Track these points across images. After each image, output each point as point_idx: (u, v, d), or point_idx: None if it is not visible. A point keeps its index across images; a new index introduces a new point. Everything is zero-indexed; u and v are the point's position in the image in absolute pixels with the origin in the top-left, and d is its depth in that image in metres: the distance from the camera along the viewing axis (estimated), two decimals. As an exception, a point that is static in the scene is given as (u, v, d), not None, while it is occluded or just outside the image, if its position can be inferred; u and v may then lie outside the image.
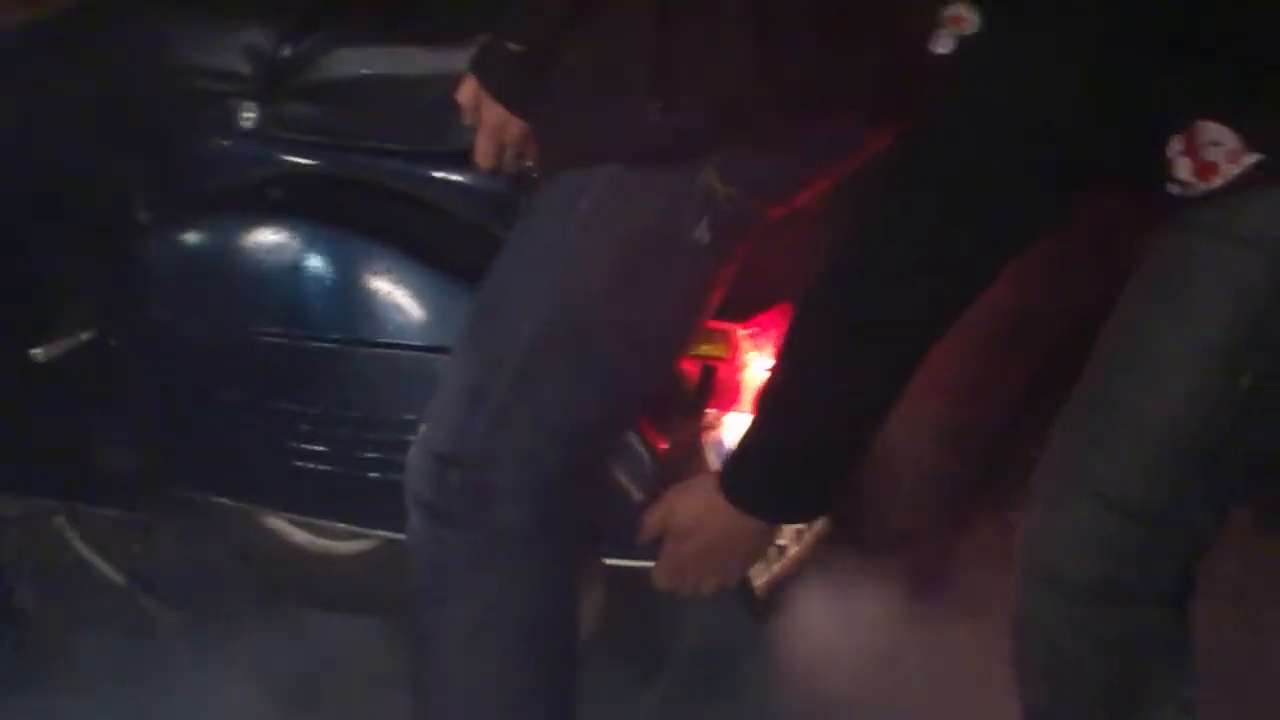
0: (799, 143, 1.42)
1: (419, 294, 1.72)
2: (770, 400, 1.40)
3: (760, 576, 1.70)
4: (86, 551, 2.21)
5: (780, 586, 1.74)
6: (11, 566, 2.14)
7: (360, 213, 1.77)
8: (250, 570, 2.14)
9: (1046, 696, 1.33)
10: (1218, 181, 1.18)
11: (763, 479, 1.41)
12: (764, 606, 1.72)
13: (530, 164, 1.55)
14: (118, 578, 2.20)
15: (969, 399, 1.82)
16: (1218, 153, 1.18)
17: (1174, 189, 1.21)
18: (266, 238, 1.78)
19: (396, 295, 1.72)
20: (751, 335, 1.64)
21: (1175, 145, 1.19)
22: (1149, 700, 1.31)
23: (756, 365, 1.64)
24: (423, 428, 1.49)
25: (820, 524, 1.75)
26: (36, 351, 1.95)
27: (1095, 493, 1.25)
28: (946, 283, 1.27)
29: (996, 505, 1.75)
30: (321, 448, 1.83)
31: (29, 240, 2.00)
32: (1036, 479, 1.32)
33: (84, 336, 1.96)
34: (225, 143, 1.85)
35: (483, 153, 1.54)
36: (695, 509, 1.45)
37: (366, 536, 1.99)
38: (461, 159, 1.64)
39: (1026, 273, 1.55)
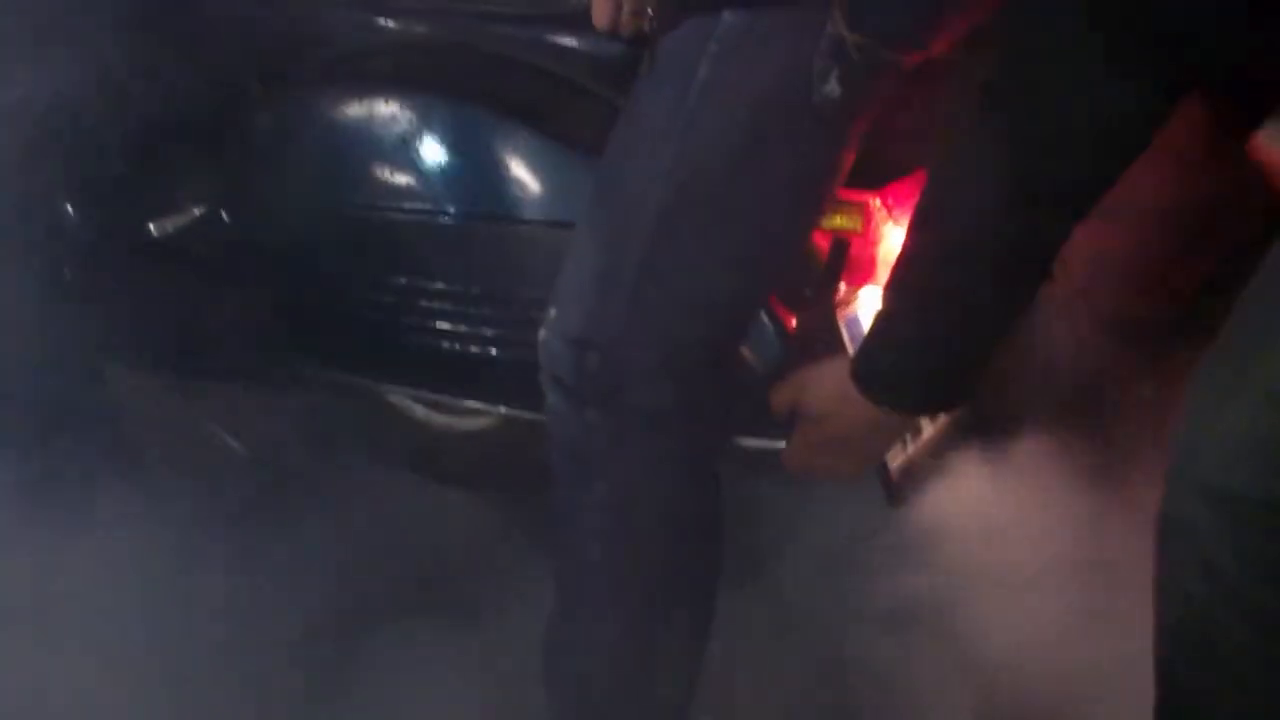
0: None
1: (536, 166, 1.68)
2: (902, 282, 1.30)
3: (896, 459, 1.64)
4: (212, 425, 2.24)
5: (917, 470, 1.67)
6: (141, 438, 2.15)
7: (472, 81, 1.73)
8: (371, 444, 2.15)
9: (1195, 620, 1.18)
10: None
11: (896, 369, 1.32)
12: (900, 489, 1.65)
13: (649, 21, 1.47)
14: (242, 450, 2.23)
15: (1136, 290, 1.71)
16: None
17: None
18: (377, 110, 1.75)
19: (513, 168, 1.69)
20: (887, 205, 1.56)
21: None
22: None
23: (892, 237, 1.56)
24: (552, 311, 1.45)
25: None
26: (152, 226, 1.94)
27: (1267, 394, 1.10)
28: (1097, 148, 1.16)
29: (1156, 402, 1.65)
30: (439, 324, 1.82)
31: (143, 117, 1.98)
32: (1196, 378, 1.17)
33: (198, 212, 1.95)
34: (333, 12, 1.82)
35: (599, 12, 1.46)
36: (828, 395, 1.38)
37: (486, 413, 1.98)
38: (577, 21, 1.57)
39: (1210, 163, 1.43)
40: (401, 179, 1.76)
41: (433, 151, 1.74)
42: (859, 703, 1.76)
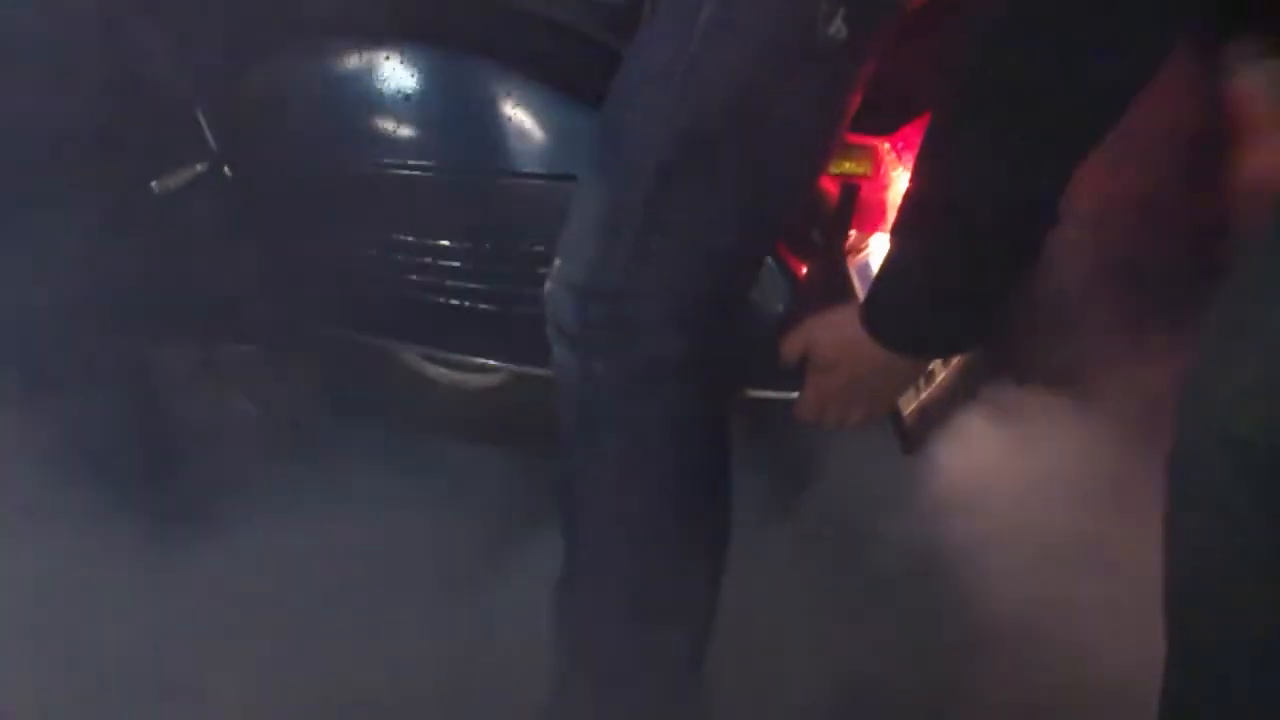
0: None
1: (540, 118, 1.65)
2: (908, 225, 1.27)
3: (909, 405, 1.62)
4: (226, 386, 2.23)
5: (930, 415, 1.66)
6: (160, 399, 2.14)
7: (473, 33, 1.69)
8: (381, 403, 2.13)
9: (1206, 563, 1.15)
10: None
11: (906, 313, 1.30)
12: (913, 436, 1.64)
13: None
14: (255, 410, 2.22)
15: (1146, 230, 1.67)
16: None
17: None
18: (378, 64, 1.71)
19: (518, 120, 1.65)
20: (897, 149, 1.53)
21: None
22: None
23: (903, 182, 1.53)
24: (557, 262, 1.42)
25: (974, 349, 1.65)
26: (154, 184, 1.92)
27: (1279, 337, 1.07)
28: (1104, 79, 1.12)
29: (1169, 343, 1.62)
30: (447, 280, 1.79)
31: (145, 71, 1.95)
32: (1209, 319, 1.14)
33: (199, 168, 1.92)
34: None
35: (600, -41, 1.44)
36: (838, 342, 1.36)
37: (497, 370, 1.96)
38: (579, -32, 1.55)
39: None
40: (404, 134, 1.73)
41: (435, 105, 1.71)
42: (873, 658, 1.75)
